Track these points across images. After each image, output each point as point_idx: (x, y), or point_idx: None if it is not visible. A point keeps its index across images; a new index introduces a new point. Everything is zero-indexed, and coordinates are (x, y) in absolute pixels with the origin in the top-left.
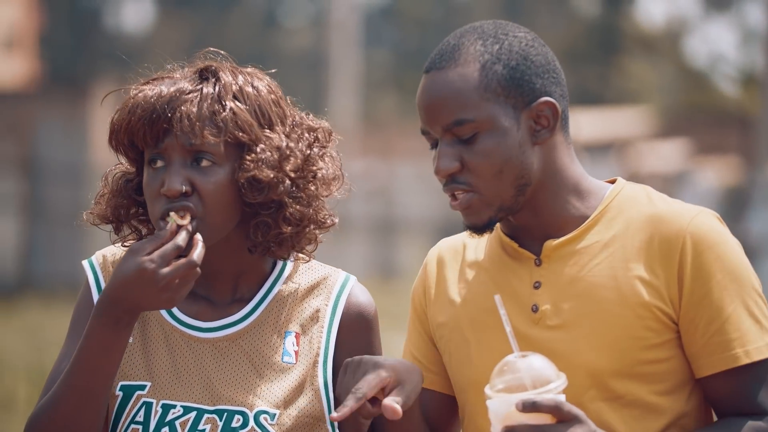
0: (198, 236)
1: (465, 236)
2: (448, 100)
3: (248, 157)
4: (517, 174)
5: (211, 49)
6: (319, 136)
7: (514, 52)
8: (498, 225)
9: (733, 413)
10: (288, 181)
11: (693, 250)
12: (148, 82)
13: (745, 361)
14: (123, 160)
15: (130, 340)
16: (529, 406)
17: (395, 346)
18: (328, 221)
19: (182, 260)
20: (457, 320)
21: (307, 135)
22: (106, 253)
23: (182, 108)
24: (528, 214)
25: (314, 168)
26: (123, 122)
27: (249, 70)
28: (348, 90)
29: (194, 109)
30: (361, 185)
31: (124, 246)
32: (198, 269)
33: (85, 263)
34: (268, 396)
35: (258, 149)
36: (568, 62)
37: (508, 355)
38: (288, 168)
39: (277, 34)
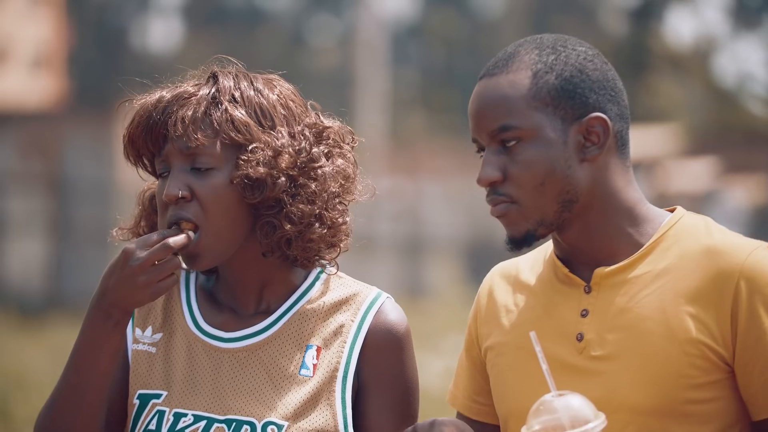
0: (186, 231)
1: (520, 259)
2: (495, 106)
3: (242, 157)
4: (561, 188)
5: (222, 56)
6: (331, 135)
7: (570, 64)
8: (552, 249)
9: None
10: (283, 178)
11: (748, 288)
12: (154, 91)
13: None
14: (142, 173)
15: (153, 351)
16: None
17: (423, 365)
18: (340, 220)
19: (158, 243)
20: (503, 345)
21: (312, 133)
22: None
23: (178, 112)
24: (577, 234)
25: (315, 165)
26: (127, 133)
27: (270, 76)
28: (375, 108)
29: (189, 113)
30: (389, 204)
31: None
32: (179, 260)
33: None
34: (279, 408)
35: (252, 148)
36: None
37: (546, 395)
38: (283, 165)
39: (305, 52)
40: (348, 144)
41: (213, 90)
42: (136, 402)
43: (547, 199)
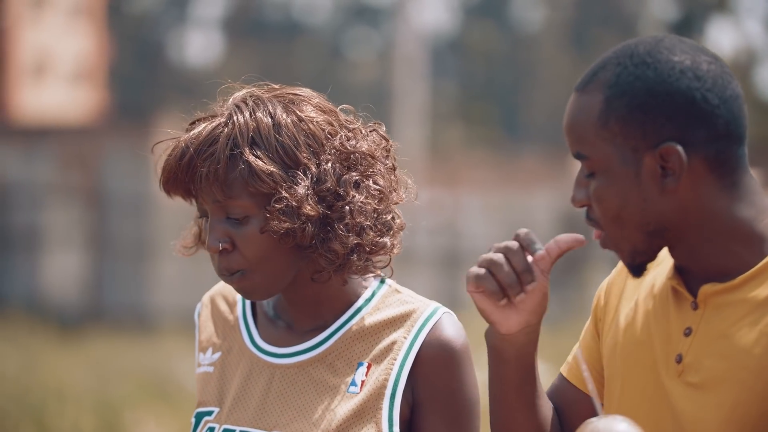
0: None
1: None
2: (572, 130)
3: (268, 208)
4: (640, 221)
5: (251, 75)
6: (359, 158)
7: (646, 88)
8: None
9: None
10: (310, 226)
11: None
12: (188, 130)
13: None
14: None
15: (211, 370)
16: None
17: None
18: (381, 240)
19: None
20: (616, 346)
21: (339, 161)
22: (213, 292)
23: (201, 169)
24: (683, 256)
25: (344, 202)
26: (161, 180)
27: (295, 92)
28: (414, 122)
29: (212, 170)
30: (427, 217)
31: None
32: None
33: (196, 309)
34: (323, 424)
35: (277, 199)
36: None
37: (591, 418)
38: (310, 213)
39: (343, 65)
40: (382, 158)
41: (231, 135)
42: (192, 421)
43: (628, 230)
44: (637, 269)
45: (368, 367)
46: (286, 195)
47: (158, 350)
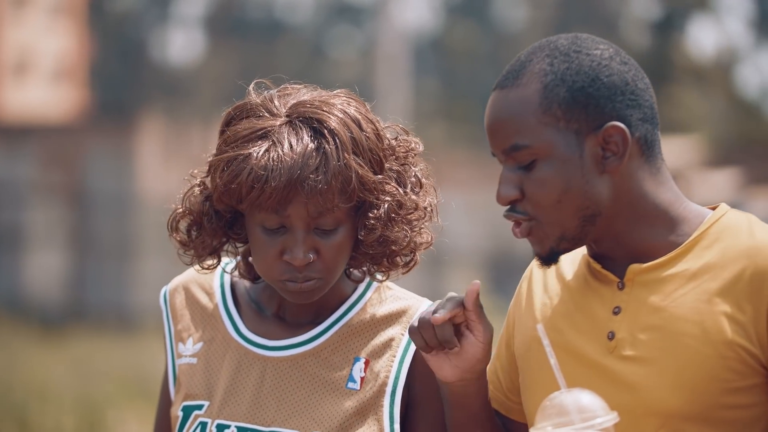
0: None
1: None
2: (506, 123)
3: (371, 215)
4: (580, 204)
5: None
6: (402, 151)
7: (582, 73)
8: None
9: None
10: (410, 232)
11: None
12: (247, 136)
13: None
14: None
15: (194, 361)
16: None
17: None
18: (420, 239)
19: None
20: (534, 339)
21: (411, 171)
22: (183, 279)
23: (311, 178)
24: (609, 243)
25: (425, 204)
26: (237, 187)
27: (336, 99)
28: (396, 120)
29: (324, 179)
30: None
31: (204, 269)
32: None
33: (161, 292)
34: (324, 421)
35: (380, 206)
36: None
37: (554, 392)
38: (414, 220)
39: (325, 64)
40: (414, 150)
41: (338, 145)
42: (180, 414)
43: (565, 215)
44: (553, 257)
45: (366, 363)
46: (388, 201)
47: (140, 349)
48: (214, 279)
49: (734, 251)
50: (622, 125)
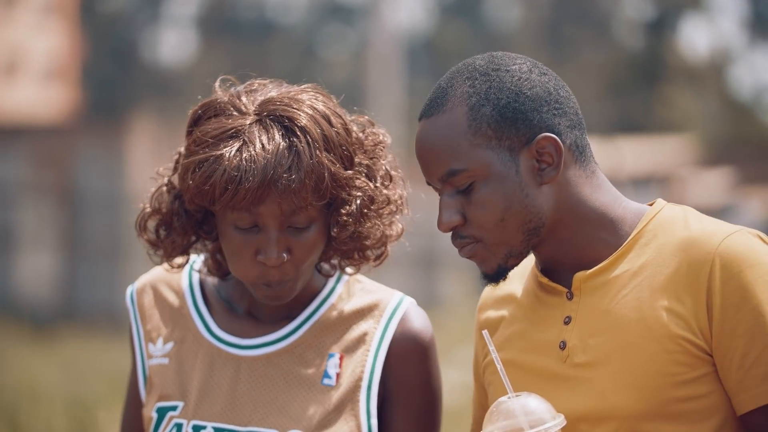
0: None
1: (514, 271)
2: (438, 150)
3: (344, 211)
4: (523, 219)
5: (227, 77)
6: (370, 145)
7: (505, 89)
8: (534, 260)
9: None
10: (383, 225)
11: (723, 274)
12: (217, 136)
13: None
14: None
15: (166, 362)
16: None
17: None
18: (393, 232)
19: None
20: (490, 362)
21: (380, 164)
22: (151, 278)
23: (284, 177)
24: (553, 250)
25: (395, 197)
26: (210, 188)
27: (304, 95)
28: (389, 120)
29: (298, 178)
30: (402, 216)
31: (172, 266)
32: None
33: (127, 292)
34: (302, 418)
35: (351, 202)
36: (611, 92)
37: (501, 397)
38: (386, 214)
39: (317, 64)
40: (383, 142)
41: (309, 142)
42: (154, 416)
43: (510, 232)
44: (501, 274)
45: (341, 359)
46: (360, 197)
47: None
48: (182, 278)
49: (670, 246)
50: (552, 135)
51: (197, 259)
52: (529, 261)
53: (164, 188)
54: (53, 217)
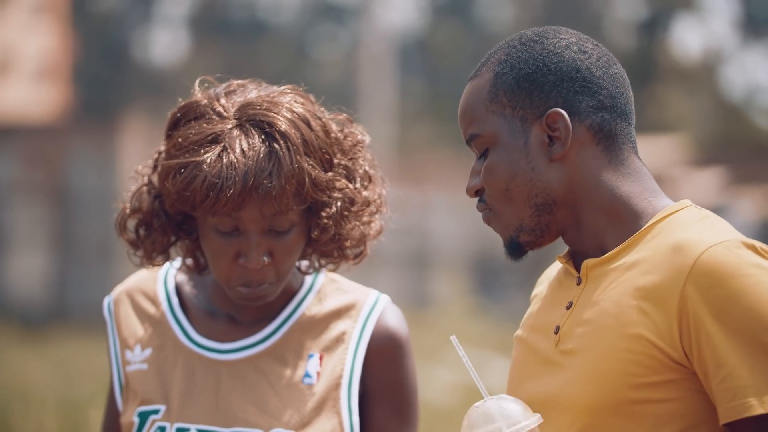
0: None
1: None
2: (463, 114)
3: (324, 214)
4: (529, 192)
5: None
6: (350, 146)
7: (530, 60)
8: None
9: None
10: (363, 226)
11: (699, 285)
12: (197, 141)
13: (759, 411)
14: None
15: (145, 367)
16: None
17: (429, 378)
18: (372, 231)
19: None
20: (516, 338)
21: (360, 164)
22: (126, 287)
23: (265, 183)
24: (574, 235)
25: (375, 197)
26: (192, 194)
27: (283, 97)
28: (381, 120)
29: (278, 183)
30: (395, 216)
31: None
32: None
33: (104, 303)
34: (285, 417)
35: (332, 204)
36: None
37: (478, 402)
38: (365, 216)
39: (310, 64)
40: (362, 142)
41: (289, 147)
42: (136, 420)
43: (516, 203)
44: (517, 248)
45: (320, 358)
46: (340, 199)
47: None
48: (158, 286)
49: (664, 247)
50: (562, 111)
51: (171, 268)
52: None
53: (144, 188)
54: (45, 217)
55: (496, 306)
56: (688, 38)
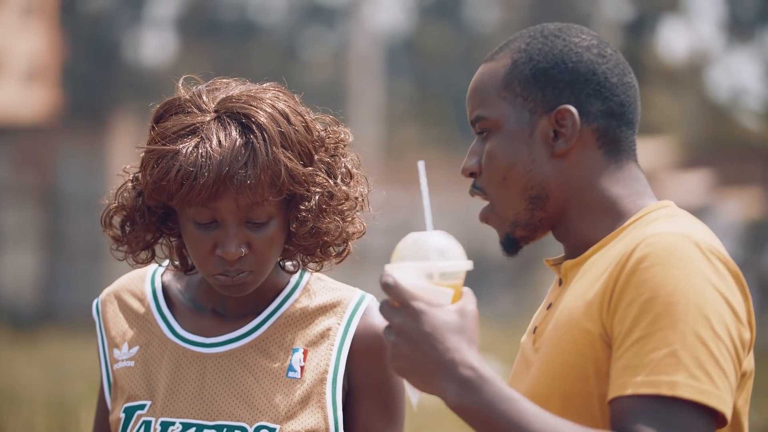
0: None
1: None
2: (474, 94)
3: (302, 207)
4: (525, 183)
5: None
6: (332, 143)
7: (549, 55)
8: None
9: None
10: (342, 222)
11: (632, 267)
12: (177, 133)
13: (642, 390)
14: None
15: (132, 364)
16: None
17: None
18: (352, 229)
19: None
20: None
21: (341, 161)
22: (114, 288)
23: (240, 173)
24: (563, 233)
25: (356, 194)
26: (167, 184)
27: (265, 93)
28: (369, 121)
29: (253, 173)
30: (382, 217)
31: (138, 264)
32: None
33: (93, 305)
34: (269, 410)
35: (310, 198)
36: None
37: (419, 233)
38: (344, 209)
39: (298, 65)
40: (344, 140)
41: (266, 139)
42: (122, 416)
43: (512, 195)
44: (512, 244)
45: (305, 353)
46: (318, 193)
47: None
48: (145, 284)
49: (625, 243)
50: (573, 109)
51: (160, 268)
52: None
53: (129, 184)
54: (34, 218)
55: (484, 307)
56: (674, 40)
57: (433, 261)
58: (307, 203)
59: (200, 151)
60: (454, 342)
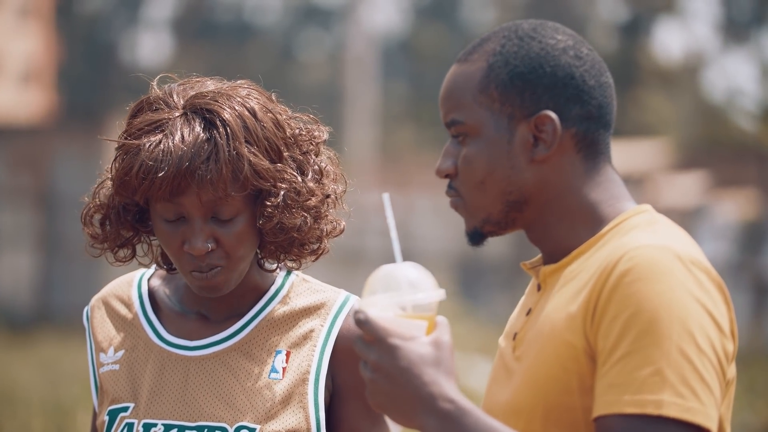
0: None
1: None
2: (448, 97)
3: (268, 203)
4: (503, 189)
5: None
6: (320, 147)
7: (526, 59)
8: None
9: None
10: (310, 218)
11: (614, 282)
12: (142, 129)
13: (628, 410)
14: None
15: (117, 368)
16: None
17: None
18: (329, 227)
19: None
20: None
21: (313, 159)
22: (102, 294)
23: (201, 167)
24: (538, 236)
25: (327, 191)
26: (129, 179)
27: (236, 90)
28: (364, 123)
29: (215, 168)
30: (378, 218)
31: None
32: None
33: (83, 313)
34: (249, 411)
35: (277, 194)
36: None
37: (388, 265)
38: (311, 206)
39: (294, 67)
40: (317, 138)
41: (229, 134)
42: (106, 418)
43: (489, 198)
44: (477, 237)
45: (287, 355)
46: (285, 189)
47: None
48: (132, 289)
49: (605, 251)
50: (553, 115)
51: (147, 272)
52: None
53: (108, 182)
54: (30, 220)
55: (479, 308)
56: (670, 41)
57: (405, 293)
58: (273, 199)
59: (162, 146)
60: (431, 375)
